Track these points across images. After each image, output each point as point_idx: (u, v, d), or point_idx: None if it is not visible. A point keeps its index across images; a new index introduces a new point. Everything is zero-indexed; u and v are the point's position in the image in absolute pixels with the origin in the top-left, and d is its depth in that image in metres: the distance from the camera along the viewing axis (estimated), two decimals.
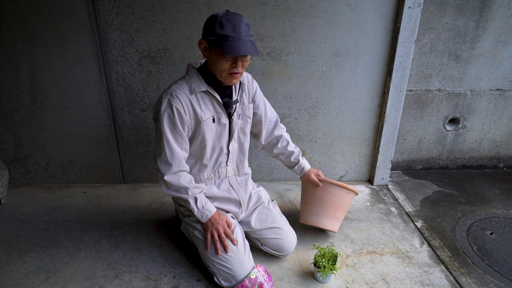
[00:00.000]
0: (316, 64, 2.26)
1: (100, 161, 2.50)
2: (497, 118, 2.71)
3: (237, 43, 1.39)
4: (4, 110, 2.34)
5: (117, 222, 2.13)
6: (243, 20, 1.42)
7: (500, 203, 2.39)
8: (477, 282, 1.73)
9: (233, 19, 1.39)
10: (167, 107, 1.49)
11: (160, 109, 1.50)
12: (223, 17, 1.39)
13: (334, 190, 1.86)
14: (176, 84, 1.53)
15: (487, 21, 2.40)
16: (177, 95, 1.49)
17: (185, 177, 1.58)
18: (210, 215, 1.60)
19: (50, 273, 1.74)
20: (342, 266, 1.79)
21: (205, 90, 1.54)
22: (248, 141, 1.78)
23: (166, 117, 1.50)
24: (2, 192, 2.34)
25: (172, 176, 1.55)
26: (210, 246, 1.60)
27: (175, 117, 1.49)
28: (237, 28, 1.38)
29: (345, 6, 2.12)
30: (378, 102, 2.39)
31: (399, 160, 2.79)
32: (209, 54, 1.47)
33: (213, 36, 1.40)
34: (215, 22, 1.39)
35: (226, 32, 1.38)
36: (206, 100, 1.56)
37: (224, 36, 1.38)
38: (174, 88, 1.51)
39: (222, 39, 1.39)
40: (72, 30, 2.14)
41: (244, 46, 1.39)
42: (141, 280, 1.69)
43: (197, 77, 1.54)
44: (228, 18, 1.38)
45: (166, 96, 1.50)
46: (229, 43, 1.38)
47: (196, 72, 1.56)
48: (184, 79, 1.55)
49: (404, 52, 2.20)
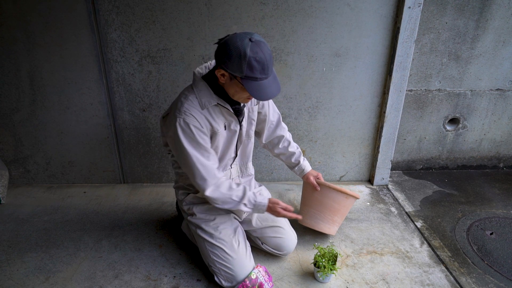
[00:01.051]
0: (316, 64, 2.26)
1: (100, 161, 2.50)
2: (497, 118, 2.71)
3: (264, 84, 1.36)
4: (4, 110, 2.34)
5: (117, 222, 2.13)
6: (269, 52, 1.36)
7: (500, 203, 2.39)
8: (477, 282, 1.73)
9: (262, 57, 1.32)
10: (185, 126, 1.45)
11: (177, 130, 1.45)
12: (252, 57, 1.31)
13: (332, 194, 1.84)
14: (187, 102, 1.47)
15: (487, 21, 2.40)
16: (191, 113, 1.45)
17: (223, 185, 1.54)
18: (265, 207, 1.58)
19: (50, 273, 1.74)
20: (342, 266, 1.79)
21: (216, 104, 1.50)
22: (252, 143, 1.78)
23: (186, 136, 1.46)
24: (2, 192, 2.34)
25: (213, 191, 1.52)
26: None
27: (194, 134, 1.46)
28: (266, 66, 1.34)
29: (345, 6, 2.12)
30: (378, 102, 2.39)
31: (399, 160, 2.80)
32: (229, 83, 1.42)
33: (240, 74, 1.34)
34: (243, 60, 1.31)
35: (255, 74, 1.33)
36: (217, 111, 1.52)
37: (253, 78, 1.34)
38: (187, 107, 1.46)
39: (250, 79, 1.34)
40: (72, 30, 2.14)
41: (271, 88, 1.37)
42: (141, 280, 1.69)
43: (206, 90, 1.48)
44: (258, 58, 1.31)
45: (180, 116, 1.45)
46: (257, 85, 1.35)
47: (204, 83, 1.49)
48: (193, 93, 1.49)
49: (404, 52, 2.20)
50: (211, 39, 2.17)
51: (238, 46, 1.31)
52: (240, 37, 1.34)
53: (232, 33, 1.41)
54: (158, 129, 2.40)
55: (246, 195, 1.56)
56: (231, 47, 1.33)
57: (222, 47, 1.36)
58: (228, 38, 1.36)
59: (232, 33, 1.44)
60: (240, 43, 1.32)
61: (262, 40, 1.37)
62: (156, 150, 2.46)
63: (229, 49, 1.33)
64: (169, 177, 2.56)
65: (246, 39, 1.33)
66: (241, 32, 1.38)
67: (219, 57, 1.37)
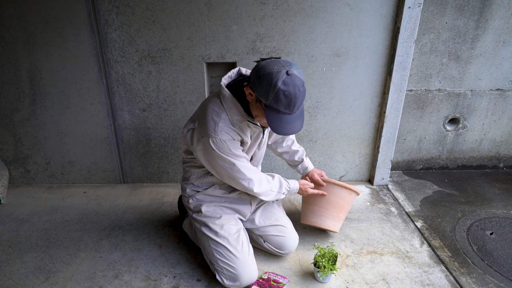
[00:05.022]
0: (316, 64, 2.26)
1: (100, 161, 2.50)
2: (497, 118, 2.71)
3: (286, 118, 1.35)
4: (4, 110, 2.34)
5: (117, 222, 2.13)
6: (301, 89, 1.32)
7: (500, 203, 2.39)
8: (477, 282, 1.73)
9: (292, 93, 1.29)
10: (220, 143, 1.47)
11: (212, 147, 1.47)
12: (281, 90, 1.28)
13: (337, 190, 1.87)
14: (220, 121, 1.47)
15: (487, 21, 2.40)
16: (225, 131, 1.47)
17: (263, 181, 1.63)
18: (297, 189, 1.77)
19: (50, 273, 1.74)
20: (342, 266, 1.79)
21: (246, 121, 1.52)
22: (265, 148, 1.80)
23: (222, 151, 1.48)
24: (2, 192, 2.34)
25: (258, 187, 1.60)
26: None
27: (230, 147, 1.48)
28: (293, 103, 1.31)
29: (345, 6, 2.12)
30: (378, 102, 2.39)
31: (399, 160, 2.79)
32: (254, 103, 1.43)
33: (265, 100, 1.33)
34: (272, 90, 1.29)
35: (279, 107, 1.31)
36: (245, 125, 1.54)
37: (276, 110, 1.33)
38: (222, 126, 1.46)
39: (272, 109, 1.33)
40: (72, 30, 2.14)
41: (291, 124, 1.36)
42: (141, 280, 1.69)
43: (236, 109, 1.48)
44: (287, 92, 1.28)
45: (216, 136, 1.46)
46: (278, 118, 1.34)
47: (233, 100, 1.47)
48: (224, 110, 1.48)
49: (404, 52, 2.20)
50: (211, 39, 2.17)
51: (272, 74, 1.29)
52: (278, 65, 1.31)
53: (276, 57, 1.38)
54: (158, 129, 2.40)
55: (282, 185, 1.70)
56: (265, 72, 1.30)
57: (258, 68, 1.34)
58: (267, 62, 1.34)
59: (267, 57, 1.41)
60: (275, 71, 1.29)
61: (300, 76, 1.32)
62: (156, 150, 2.46)
63: (263, 73, 1.31)
64: (169, 177, 2.56)
65: (283, 69, 1.29)
66: (283, 60, 1.35)
67: (253, 76, 1.36)
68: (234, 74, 1.58)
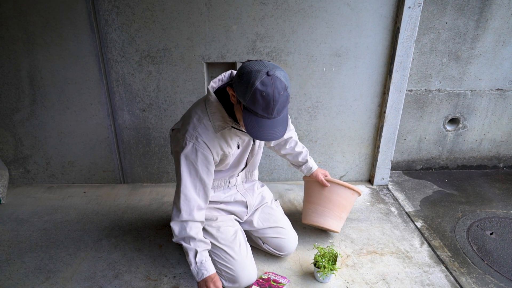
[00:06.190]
0: (316, 64, 2.26)
1: (100, 161, 2.50)
2: (497, 118, 2.71)
3: (264, 122, 1.26)
4: (4, 110, 2.34)
5: (117, 222, 2.13)
6: (282, 92, 1.23)
7: (500, 203, 2.39)
8: (477, 282, 1.73)
9: (270, 95, 1.21)
10: (191, 152, 1.40)
11: (182, 153, 1.40)
12: (259, 90, 1.20)
13: (340, 190, 1.88)
14: (200, 126, 1.41)
15: (487, 21, 2.40)
16: (204, 140, 1.40)
17: (194, 227, 1.47)
18: (207, 274, 1.46)
19: (50, 273, 1.74)
20: (342, 266, 1.79)
21: (230, 128, 1.45)
22: (261, 152, 1.77)
23: (188, 162, 1.42)
24: (2, 192, 2.34)
25: (178, 224, 1.46)
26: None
27: (198, 164, 1.41)
28: (271, 105, 1.22)
29: (345, 6, 2.12)
30: (378, 102, 2.39)
31: (399, 160, 2.80)
32: (236, 105, 1.36)
33: (243, 101, 1.26)
34: (249, 90, 1.22)
35: (256, 109, 1.23)
36: (232, 132, 1.47)
37: (253, 112, 1.25)
38: (200, 132, 1.40)
39: (250, 111, 1.26)
40: (72, 30, 2.14)
41: (270, 130, 1.27)
42: (141, 280, 1.69)
43: (219, 113, 1.41)
44: (265, 93, 1.20)
45: (191, 141, 1.40)
46: (255, 121, 1.26)
47: (218, 104, 1.41)
48: (207, 114, 1.42)
49: (404, 52, 2.20)
50: (211, 39, 2.17)
51: (251, 73, 1.22)
52: (260, 66, 1.24)
53: (261, 60, 1.33)
54: (158, 129, 2.40)
55: (203, 252, 1.48)
56: (245, 71, 1.24)
57: (241, 68, 1.28)
58: (252, 62, 1.28)
59: (256, 58, 1.35)
60: (255, 70, 1.23)
61: (282, 78, 1.23)
62: (156, 150, 2.46)
63: (243, 72, 1.25)
64: (169, 177, 2.56)
65: (264, 70, 1.22)
66: (269, 63, 1.28)
67: (235, 76, 1.30)
68: (226, 77, 1.51)
